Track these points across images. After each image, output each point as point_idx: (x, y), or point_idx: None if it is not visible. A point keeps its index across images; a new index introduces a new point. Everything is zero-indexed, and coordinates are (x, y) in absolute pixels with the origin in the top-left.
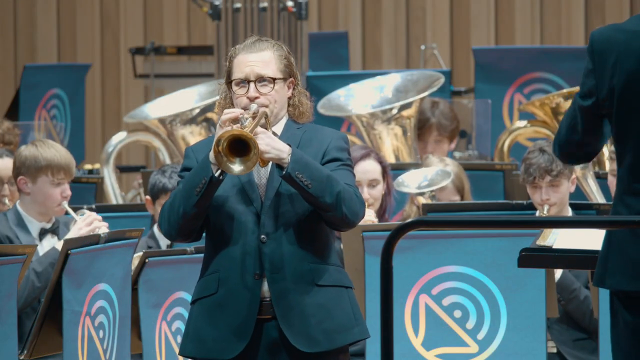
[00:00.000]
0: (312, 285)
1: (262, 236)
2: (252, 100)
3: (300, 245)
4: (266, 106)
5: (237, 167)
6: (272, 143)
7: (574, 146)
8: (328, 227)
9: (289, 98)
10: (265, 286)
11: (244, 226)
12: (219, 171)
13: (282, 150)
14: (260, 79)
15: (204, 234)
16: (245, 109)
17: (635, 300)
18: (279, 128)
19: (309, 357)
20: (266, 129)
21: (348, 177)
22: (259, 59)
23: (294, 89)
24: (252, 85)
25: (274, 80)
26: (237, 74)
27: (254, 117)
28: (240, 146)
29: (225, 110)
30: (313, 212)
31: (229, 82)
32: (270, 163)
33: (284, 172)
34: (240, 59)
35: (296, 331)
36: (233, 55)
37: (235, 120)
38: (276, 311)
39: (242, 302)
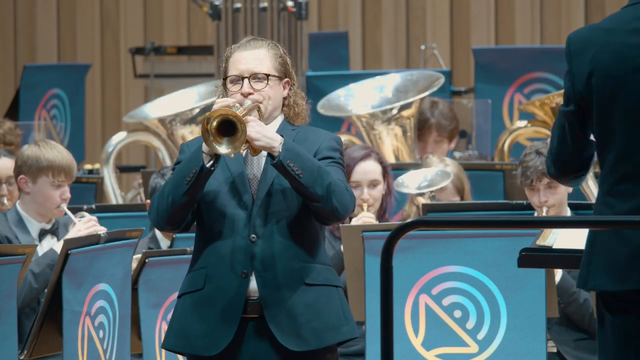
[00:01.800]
0: (301, 284)
1: (252, 235)
2: (245, 96)
3: (290, 244)
4: (260, 102)
5: (223, 148)
6: (262, 131)
7: (568, 155)
8: (317, 220)
9: (284, 98)
10: (252, 285)
11: (235, 224)
12: (211, 162)
13: (273, 138)
14: (254, 76)
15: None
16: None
17: (620, 302)
18: (273, 128)
19: (296, 356)
20: None
21: (339, 173)
22: (253, 56)
23: (289, 89)
24: (246, 81)
25: (267, 76)
26: (231, 71)
27: (245, 109)
28: (230, 129)
29: (218, 100)
30: (303, 211)
31: (224, 81)
32: (263, 156)
33: (275, 161)
34: (236, 57)
35: (285, 330)
36: (229, 55)
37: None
38: (264, 310)
39: (227, 300)
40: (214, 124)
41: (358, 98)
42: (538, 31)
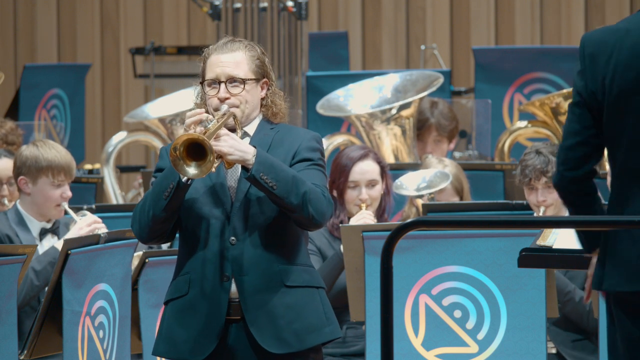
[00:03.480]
0: (281, 286)
1: (232, 238)
2: (222, 101)
3: (270, 247)
4: (237, 107)
5: (192, 171)
6: (235, 145)
7: (578, 150)
8: (297, 226)
9: (262, 99)
10: (234, 288)
11: (214, 228)
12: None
13: (246, 151)
14: (231, 80)
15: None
16: (216, 109)
17: (633, 304)
18: (252, 128)
19: (279, 358)
20: (235, 129)
21: (317, 176)
22: (230, 59)
23: (268, 89)
24: (222, 86)
25: (244, 81)
26: (209, 75)
27: (220, 119)
28: (200, 149)
29: (188, 113)
30: (283, 213)
31: (202, 83)
32: (239, 165)
33: (248, 174)
34: (213, 60)
35: (265, 333)
36: (207, 56)
37: (200, 123)
38: (244, 313)
39: (210, 304)
40: (182, 149)
41: (357, 98)
42: (538, 31)
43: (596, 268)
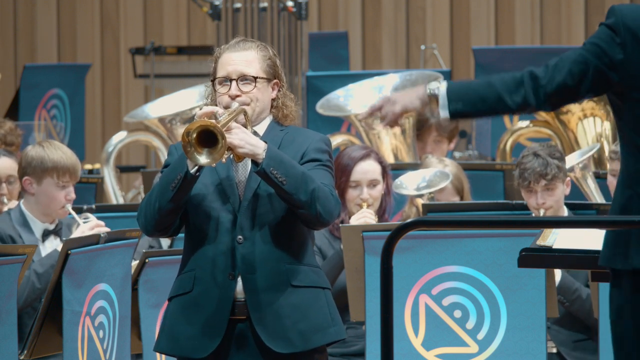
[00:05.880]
0: (287, 285)
1: (239, 237)
2: (233, 98)
3: (276, 246)
4: (247, 104)
5: (203, 159)
6: (246, 138)
7: (565, 92)
8: (303, 225)
9: (273, 100)
10: (240, 286)
11: (221, 226)
12: (195, 167)
13: (256, 145)
14: (243, 78)
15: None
16: (227, 107)
17: None
18: (262, 128)
19: (284, 358)
20: (246, 126)
21: (325, 176)
22: (242, 58)
23: (278, 90)
24: (234, 83)
25: (255, 79)
26: (220, 73)
27: (231, 114)
28: (211, 139)
29: (203, 108)
30: (290, 213)
31: (213, 82)
32: (248, 161)
33: (258, 168)
34: (224, 58)
35: (271, 332)
36: (218, 55)
37: (211, 116)
38: (250, 312)
39: (215, 302)
40: (194, 135)
41: (357, 98)
42: (538, 31)
43: (612, 246)
